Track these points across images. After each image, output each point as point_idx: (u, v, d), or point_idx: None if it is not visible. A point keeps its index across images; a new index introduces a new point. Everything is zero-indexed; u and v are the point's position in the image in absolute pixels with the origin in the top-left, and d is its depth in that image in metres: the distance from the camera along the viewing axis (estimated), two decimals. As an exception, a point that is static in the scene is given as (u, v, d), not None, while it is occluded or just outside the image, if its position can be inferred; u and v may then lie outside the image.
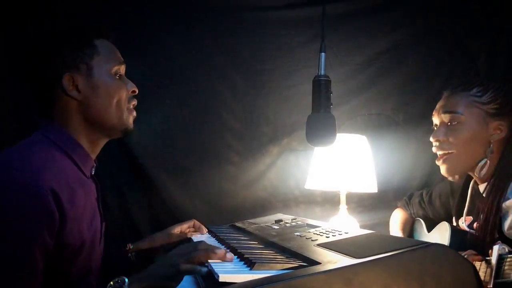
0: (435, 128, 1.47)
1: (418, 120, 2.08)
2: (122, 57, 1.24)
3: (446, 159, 1.41)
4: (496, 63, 2.06)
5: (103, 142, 1.23)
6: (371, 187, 1.82)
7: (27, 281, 0.96)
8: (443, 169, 1.44)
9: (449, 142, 1.40)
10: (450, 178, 1.46)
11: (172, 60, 1.99)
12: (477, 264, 1.11)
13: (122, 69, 1.23)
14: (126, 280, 0.94)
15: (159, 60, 1.97)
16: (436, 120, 1.47)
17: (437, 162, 1.46)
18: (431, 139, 1.45)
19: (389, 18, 2.08)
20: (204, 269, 0.96)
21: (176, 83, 2.00)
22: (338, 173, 1.78)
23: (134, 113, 1.24)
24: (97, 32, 1.19)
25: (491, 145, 1.37)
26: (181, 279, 1.00)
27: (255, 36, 2.04)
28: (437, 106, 1.46)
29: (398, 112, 2.10)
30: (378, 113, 2.09)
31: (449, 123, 1.40)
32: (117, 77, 1.20)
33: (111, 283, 0.95)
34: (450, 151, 1.40)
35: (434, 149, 1.45)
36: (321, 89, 1.16)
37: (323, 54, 1.19)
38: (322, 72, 1.18)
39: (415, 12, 2.08)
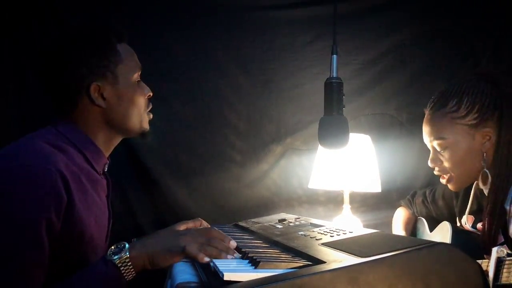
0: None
1: (422, 120, 2.07)
2: None
3: (448, 180, 1.40)
4: (500, 64, 2.05)
5: (118, 140, 1.24)
6: (375, 186, 1.82)
7: (31, 252, 0.95)
8: (450, 188, 1.43)
9: (445, 167, 1.38)
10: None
11: (176, 59, 2.00)
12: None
13: (140, 74, 1.23)
14: (127, 245, 0.99)
15: (162, 59, 1.97)
16: (427, 143, 1.45)
17: (441, 181, 1.44)
18: (429, 165, 1.44)
19: (393, 17, 2.08)
20: (207, 259, 0.95)
21: (180, 82, 2.00)
22: (342, 173, 1.78)
23: (151, 115, 1.27)
24: (119, 36, 1.19)
25: (484, 155, 1.32)
26: (179, 260, 1.00)
27: (259, 36, 2.04)
28: (424, 129, 1.44)
29: (402, 111, 2.10)
30: (382, 113, 2.09)
31: (439, 149, 1.38)
32: (137, 83, 1.21)
33: (112, 247, 1.00)
34: (449, 174, 1.39)
35: (435, 172, 1.44)
36: (333, 92, 1.16)
37: (335, 56, 1.19)
38: (334, 74, 1.18)
39: (419, 12, 2.08)
